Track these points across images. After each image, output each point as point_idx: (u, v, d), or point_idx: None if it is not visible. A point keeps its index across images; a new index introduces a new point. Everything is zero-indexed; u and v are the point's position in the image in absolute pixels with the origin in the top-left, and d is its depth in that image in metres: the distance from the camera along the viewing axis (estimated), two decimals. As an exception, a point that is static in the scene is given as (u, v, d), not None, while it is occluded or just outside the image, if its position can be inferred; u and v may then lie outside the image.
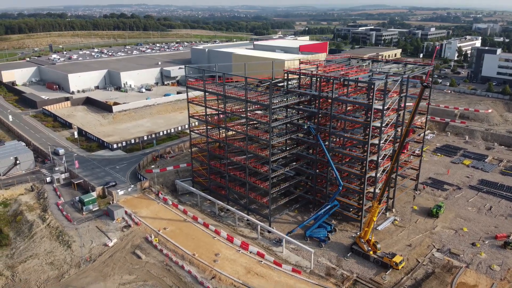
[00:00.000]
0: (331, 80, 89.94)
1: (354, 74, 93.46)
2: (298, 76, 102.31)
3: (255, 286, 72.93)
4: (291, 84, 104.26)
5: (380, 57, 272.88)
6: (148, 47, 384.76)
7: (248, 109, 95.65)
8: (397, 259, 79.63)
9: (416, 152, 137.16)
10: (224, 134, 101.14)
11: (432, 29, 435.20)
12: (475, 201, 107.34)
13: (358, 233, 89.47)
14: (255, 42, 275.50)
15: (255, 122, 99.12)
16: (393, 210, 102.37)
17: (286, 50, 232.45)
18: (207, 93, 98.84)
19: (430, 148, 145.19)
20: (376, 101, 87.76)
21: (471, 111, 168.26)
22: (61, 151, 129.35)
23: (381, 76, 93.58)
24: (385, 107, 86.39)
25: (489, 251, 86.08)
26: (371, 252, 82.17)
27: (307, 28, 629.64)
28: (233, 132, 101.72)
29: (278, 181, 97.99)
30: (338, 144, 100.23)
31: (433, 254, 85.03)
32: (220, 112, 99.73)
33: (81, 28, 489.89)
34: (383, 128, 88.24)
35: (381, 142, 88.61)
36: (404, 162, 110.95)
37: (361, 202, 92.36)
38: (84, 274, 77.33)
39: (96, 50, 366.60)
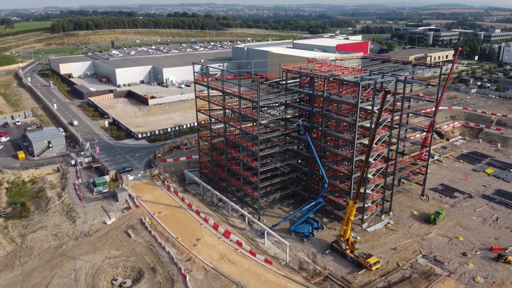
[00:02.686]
0: (323, 79, 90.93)
1: (349, 74, 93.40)
2: (299, 75, 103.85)
3: (224, 271, 76.81)
4: (296, 83, 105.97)
5: (428, 58, 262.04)
6: (202, 45, 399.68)
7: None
8: (372, 260, 79.30)
9: (436, 157, 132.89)
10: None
11: (497, 31, 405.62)
12: (483, 210, 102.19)
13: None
14: (294, 41, 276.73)
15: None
16: (390, 213, 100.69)
17: (323, 49, 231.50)
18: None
19: (455, 154, 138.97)
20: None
21: (509, 118, 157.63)
22: (76, 122, 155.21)
23: (377, 76, 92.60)
24: (375, 108, 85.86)
25: (478, 262, 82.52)
26: (348, 251, 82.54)
27: (366, 27, 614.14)
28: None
29: (272, 176, 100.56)
30: (331, 143, 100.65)
31: (416, 260, 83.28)
32: (222, 107, 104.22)
33: (143, 26, 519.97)
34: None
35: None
36: (410, 165, 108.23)
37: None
38: (79, 246, 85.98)
39: (153, 47, 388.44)
